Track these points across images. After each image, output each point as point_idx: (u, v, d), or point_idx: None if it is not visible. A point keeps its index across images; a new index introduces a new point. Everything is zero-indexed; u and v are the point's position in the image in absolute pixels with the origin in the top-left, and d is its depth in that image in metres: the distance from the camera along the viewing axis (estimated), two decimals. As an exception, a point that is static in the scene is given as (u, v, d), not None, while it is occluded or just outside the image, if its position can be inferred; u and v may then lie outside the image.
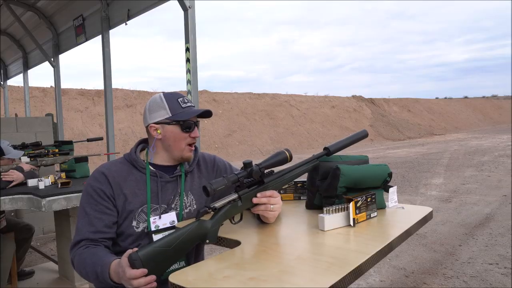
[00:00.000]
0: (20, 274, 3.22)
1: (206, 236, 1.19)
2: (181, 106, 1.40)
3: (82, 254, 1.29)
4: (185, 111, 1.40)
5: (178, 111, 1.40)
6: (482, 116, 35.35)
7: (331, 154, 1.47)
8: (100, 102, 14.25)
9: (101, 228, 1.34)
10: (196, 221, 1.19)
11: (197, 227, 1.18)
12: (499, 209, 5.57)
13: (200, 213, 1.19)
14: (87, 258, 1.26)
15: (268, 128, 17.80)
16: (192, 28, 2.89)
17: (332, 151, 1.46)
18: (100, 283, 1.22)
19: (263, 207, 1.30)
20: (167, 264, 1.14)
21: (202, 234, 1.19)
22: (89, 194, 1.38)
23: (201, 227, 1.19)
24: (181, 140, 1.42)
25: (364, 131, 1.59)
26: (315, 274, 0.94)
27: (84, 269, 1.26)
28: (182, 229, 1.16)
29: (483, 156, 11.76)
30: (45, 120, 4.84)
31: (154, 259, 1.09)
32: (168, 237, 1.14)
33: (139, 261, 1.07)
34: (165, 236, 1.15)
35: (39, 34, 5.47)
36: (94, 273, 1.21)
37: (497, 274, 3.34)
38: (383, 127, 22.60)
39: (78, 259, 1.29)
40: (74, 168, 3.08)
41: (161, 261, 1.12)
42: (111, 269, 1.17)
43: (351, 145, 1.52)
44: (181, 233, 1.15)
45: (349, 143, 1.51)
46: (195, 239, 1.18)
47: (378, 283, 3.25)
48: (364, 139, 1.58)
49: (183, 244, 1.15)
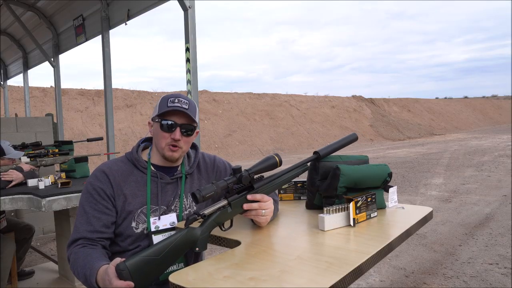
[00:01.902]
0: (20, 274, 3.22)
1: (196, 243, 1.18)
2: (167, 105, 1.38)
3: (77, 253, 1.29)
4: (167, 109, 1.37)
5: (163, 109, 1.38)
6: (482, 116, 35.35)
7: (321, 158, 1.47)
8: (100, 102, 14.25)
9: (99, 228, 1.33)
10: (185, 229, 1.18)
11: (186, 235, 1.16)
12: (499, 209, 5.57)
13: (189, 220, 1.17)
14: (80, 259, 1.26)
15: (268, 128, 17.80)
16: (192, 28, 2.89)
17: (322, 155, 1.47)
18: (88, 285, 1.21)
19: (254, 212, 1.29)
20: (156, 273, 1.13)
21: (191, 241, 1.17)
22: (89, 193, 1.37)
23: (190, 234, 1.17)
24: (161, 139, 1.40)
25: (353, 135, 1.60)
26: (315, 274, 0.94)
27: (76, 269, 1.26)
28: (170, 238, 1.15)
29: (483, 156, 11.76)
30: (45, 120, 4.84)
31: (142, 269, 1.08)
32: (157, 246, 1.12)
33: (126, 271, 1.05)
34: (153, 245, 1.13)
35: (39, 34, 5.47)
36: (84, 275, 1.21)
37: (497, 274, 3.34)
38: (383, 127, 22.59)
39: (73, 258, 1.29)
40: (74, 168, 3.09)
41: (150, 270, 1.10)
42: (98, 275, 1.16)
43: (341, 148, 1.53)
44: (169, 241, 1.14)
45: (338, 146, 1.52)
46: (184, 247, 1.17)
47: (378, 283, 3.25)
48: (358, 140, 1.58)
49: (172, 252, 1.14)
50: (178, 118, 1.39)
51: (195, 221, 1.18)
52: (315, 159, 1.47)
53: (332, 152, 1.50)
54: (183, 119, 1.40)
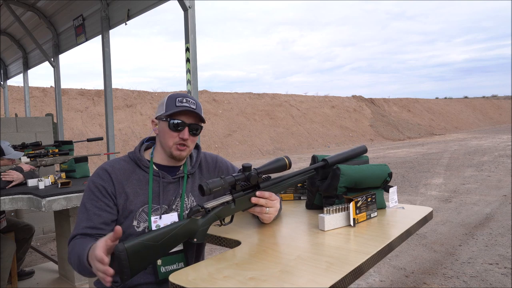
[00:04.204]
0: (20, 274, 3.23)
1: (195, 234, 1.19)
2: (175, 105, 1.39)
3: (74, 244, 1.29)
4: (176, 109, 1.38)
5: (171, 108, 1.39)
6: (482, 116, 35.36)
7: (329, 166, 1.48)
8: (100, 102, 14.26)
9: (99, 225, 1.34)
10: (187, 219, 1.19)
11: (187, 224, 1.17)
12: (499, 209, 5.57)
13: (193, 211, 1.19)
14: (76, 247, 1.26)
15: (268, 128, 17.81)
16: (192, 28, 2.90)
17: (330, 163, 1.48)
18: (82, 267, 1.20)
19: (258, 209, 1.31)
20: (152, 259, 1.13)
21: (191, 231, 1.18)
22: (90, 190, 1.38)
23: (191, 225, 1.18)
24: (169, 138, 1.41)
25: (363, 147, 1.63)
26: (315, 274, 0.94)
27: (72, 258, 1.26)
28: (172, 225, 1.15)
29: (483, 156, 11.76)
30: (45, 120, 4.84)
31: (140, 253, 1.08)
32: (157, 231, 1.12)
33: (124, 253, 1.04)
34: (153, 231, 1.13)
35: (39, 34, 5.48)
36: (77, 258, 1.21)
37: (497, 274, 3.34)
38: (383, 127, 22.60)
39: (70, 249, 1.30)
40: (74, 168, 3.09)
41: (147, 256, 1.10)
42: (89, 253, 1.15)
43: (350, 159, 1.55)
44: (170, 229, 1.14)
45: (347, 157, 1.54)
46: (184, 236, 1.17)
47: (378, 283, 3.25)
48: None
49: (171, 240, 1.14)
50: (186, 117, 1.40)
51: (198, 212, 1.19)
52: (322, 166, 1.48)
53: (341, 162, 1.51)
54: (191, 119, 1.41)
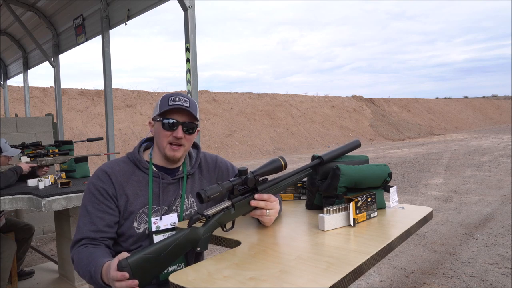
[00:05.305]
0: (20, 274, 3.22)
1: (197, 243, 1.19)
2: (168, 104, 1.37)
3: (80, 253, 1.29)
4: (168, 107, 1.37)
5: (164, 108, 1.37)
6: (482, 116, 35.35)
7: (324, 163, 1.48)
8: (100, 102, 14.26)
9: (102, 228, 1.34)
10: (188, 228, 1.18)
11: (188, 234, 1.17)
12: (499, 209, 5.57)
13: (193, 220, 1.18)
14: (84, 258, 1.26)
15: (268, 128, 17.80)
16: (192, 28, 2.89)
17: (325, 160, 1.47)
18: (94, 283, 1.22)
19: (259, 212, 1.30)
20: (158, 271, 1.14)
21: (193, 241, 1.18)
22: (91, 193, 1.37)
23: (193, 234, 1.18)
24: (162, 137, 1.40)
25: (356, 141, 1.62)
26: (315, 274, 0.94)
27: (80, 269, 1.26)
28: (173, 236, 1.16)
29: (483, 156, 11.76)
30: (45, 120, 4.84)
31: (144, 266, 1.09)
32: (159, 244, 1.13)
33: (128, 268, 1.06)
34: (156, 243, 1.14)
35: (39, 34, 5.47)
36: (88, 273, 1.22)
37: (497, 274, 3.34)
38: (383, 127, 22.59)
39: (77, 258, 1.29)
40: (74, 168, 3.09)
41: (151, 268, 1.11)
42: (103, 270, 1.17)
43: (344, 154, 1.55)
44: (172, 240, 1.15)
45: (342, 152, 1.54)
46: (186, 246, 1.18)
47: (378, 283, 3.25)
48: (358, 145, 1.61)
49: (174, 251, 1.15)
50: (179, 116, 1.39)
51: (198, 221, 1.19)
52: (318, 164, 1.48)
53: (336, 158, 1.51)
54: (184, 117, 1.40)
